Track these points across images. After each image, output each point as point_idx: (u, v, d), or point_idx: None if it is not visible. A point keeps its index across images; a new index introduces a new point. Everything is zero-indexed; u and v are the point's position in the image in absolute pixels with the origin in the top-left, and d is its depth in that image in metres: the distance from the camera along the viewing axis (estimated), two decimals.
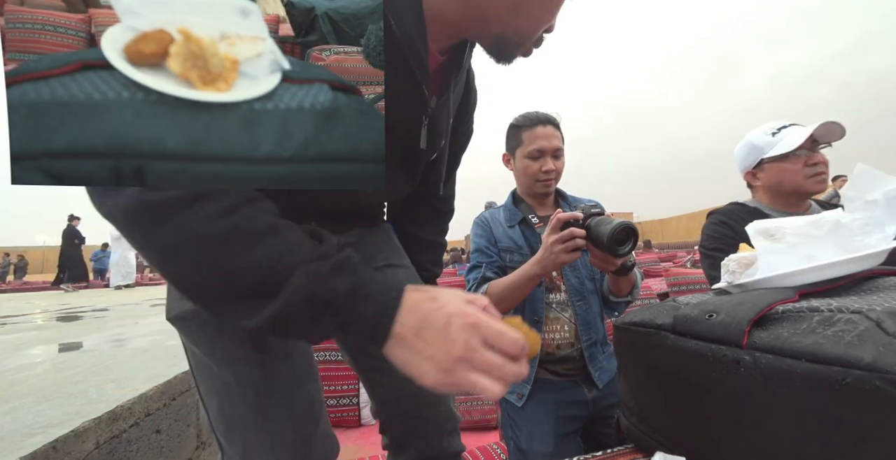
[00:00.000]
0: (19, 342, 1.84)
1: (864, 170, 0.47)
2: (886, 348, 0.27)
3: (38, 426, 0.82)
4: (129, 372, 1.23)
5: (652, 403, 0.49)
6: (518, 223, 1.07)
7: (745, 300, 0.40)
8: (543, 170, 1.02)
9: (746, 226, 0.51)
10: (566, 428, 0.98)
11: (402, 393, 0.65)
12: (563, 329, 1.03)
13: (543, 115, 1.03)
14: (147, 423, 1.04)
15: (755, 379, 0.34)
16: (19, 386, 1.12)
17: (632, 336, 0.50)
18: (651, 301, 1.66)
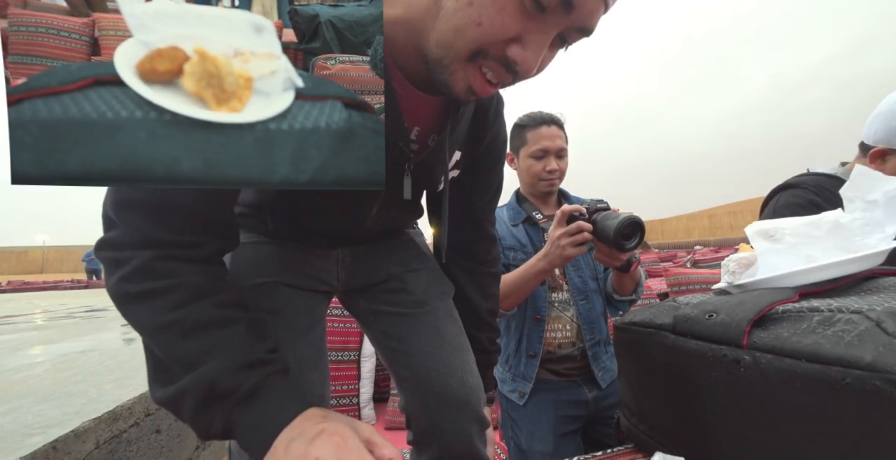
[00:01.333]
0: (19, 342, 1.84)
1: (863, 170, 0.47)
2: (886, 348, 0.27)
3: (38, 426, 0.82)
4: (129, 372, 1.23)
5: (652, 403, 0.49)
6: (522, 222, 1.08)
7: (745, 300, 0.40)
8: (547, 170, 1.02)
9: None
10: (566, 428, 0.98)
11: (426, 390, 0.65)
12: (564, 328, 1.03)
13: (548, 115, 1.04)
14: (147, 423, 1.04)
15: (755, 379, 0.34)
16: (19, 386, 1.12)
17: (632, 336, 0.50)
18: (651, 301, 1.66)
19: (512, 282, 0.92)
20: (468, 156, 0.65)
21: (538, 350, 1.01)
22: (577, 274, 1.05)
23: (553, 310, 1.03)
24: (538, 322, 1.02)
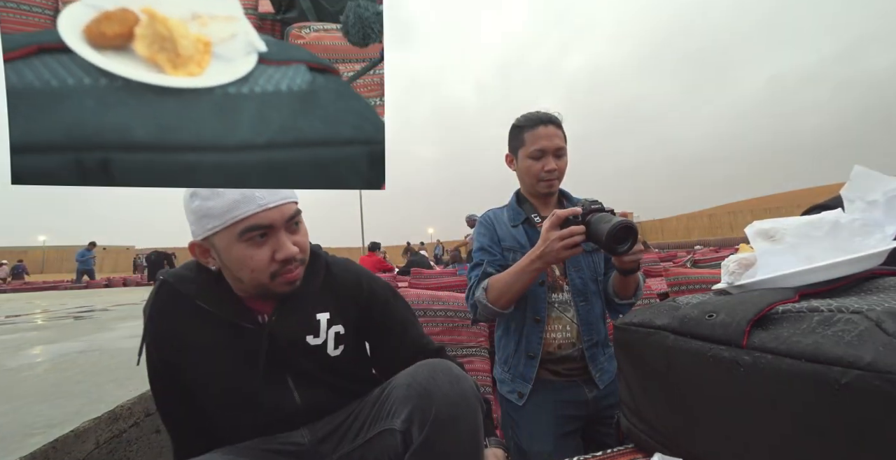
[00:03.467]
0: (19, 342, 1.84)
1: (862, 171, 0.47)
2: (886, 348, 0.27)
3: (38, 426, 0.82)
4: (129, 373, 1.22)
5: (652, 403, 0.49)
6: (522, 223, 1.07)
7: (745, 300, 0.40)
8: (546, 170, 1.02)
9: None
10: (566, 428, 0.98)
11: None
12: (564, 329, 1.03)
13: (545, 115, 1.03)
14: (147, 423, 1.04)
15: (755, 379, 0.34)
16: (19, 386, 1.12)
17: (632, 336, 0.50)
18: (651, 301, 1.66)
19: (507, 281, 0.92)
20: None
21: (537, 351, 1.01)
22: (577, 274, 1.04)
23: (553, 311, 1.03)
24: (537, 323, 1.01)
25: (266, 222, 0.62)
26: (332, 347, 0.71)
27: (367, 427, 0.67)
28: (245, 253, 0.62)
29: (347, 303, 0.75)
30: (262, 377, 0.66)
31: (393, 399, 0.64)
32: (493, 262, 1.03)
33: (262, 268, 0.62)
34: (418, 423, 0.60)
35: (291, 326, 0.69)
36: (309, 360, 0.70)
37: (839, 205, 0.91)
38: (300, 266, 0.67)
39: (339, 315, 0.73)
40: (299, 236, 0.67)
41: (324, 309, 0.72)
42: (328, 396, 0.72)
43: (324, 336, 0.71)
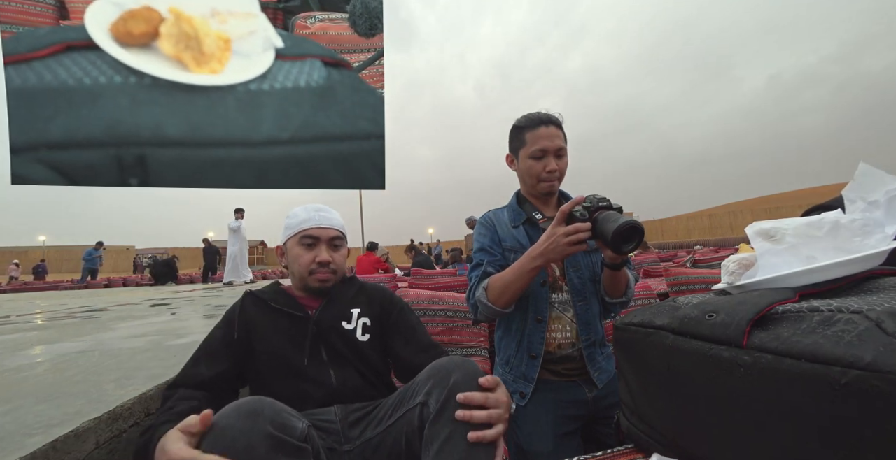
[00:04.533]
0: (19, 342, 1.84)
1: (867, 169, 0.47)
2: (886, 348, 0.27)
3: (38, 426, 0.82)
4: (129, 372, 1.22)
5: (652, 403, 0.49)
6: (522, 223, 1.07)
7: (745, 300, 0.40)
8: (547, 170, 1.02)
9: None
10: (566, 428, 0.98)
11: None
12: (564, 328, 1.03)
13: (545, 116, 1.03)
14: (147, 423, 1.04)
15: (755, 379, 0.34)
16: (19, 386, 1.12)
17: (631, 336, 0.50)
18: (651, 301, 1.66)
19: (507, 280, 0.92)
20: None
21: (539, 351, 1.01)
22: (576, 275, 1.04)
23: (553, 311, 1.03)
24: (539, 323, 1.02)
25: (316, 235, 0.96)
26: (360, 333, 0.93)
27: (391, 413, 0.76)
28: (299, 252, 0.95)
29: (374, 304, 0.99)
30: (307, 354, 0.87)
31: (416, 385, 0.74)
32: (494, 262, 1.03)
33: (305, 264, 0.94)
34: (436, 394, 0.67)
35: (331, 316, 0.93)
36: (342, 342, 0.91)
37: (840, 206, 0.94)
38: (332, 274, 0.96)
39: (367, 311, 0.97)
40: (337, 254, 0.99)
41: (356, 306, 0.97)
42: (356, 379, 0.88)
43: (354, 323, 0.94)
